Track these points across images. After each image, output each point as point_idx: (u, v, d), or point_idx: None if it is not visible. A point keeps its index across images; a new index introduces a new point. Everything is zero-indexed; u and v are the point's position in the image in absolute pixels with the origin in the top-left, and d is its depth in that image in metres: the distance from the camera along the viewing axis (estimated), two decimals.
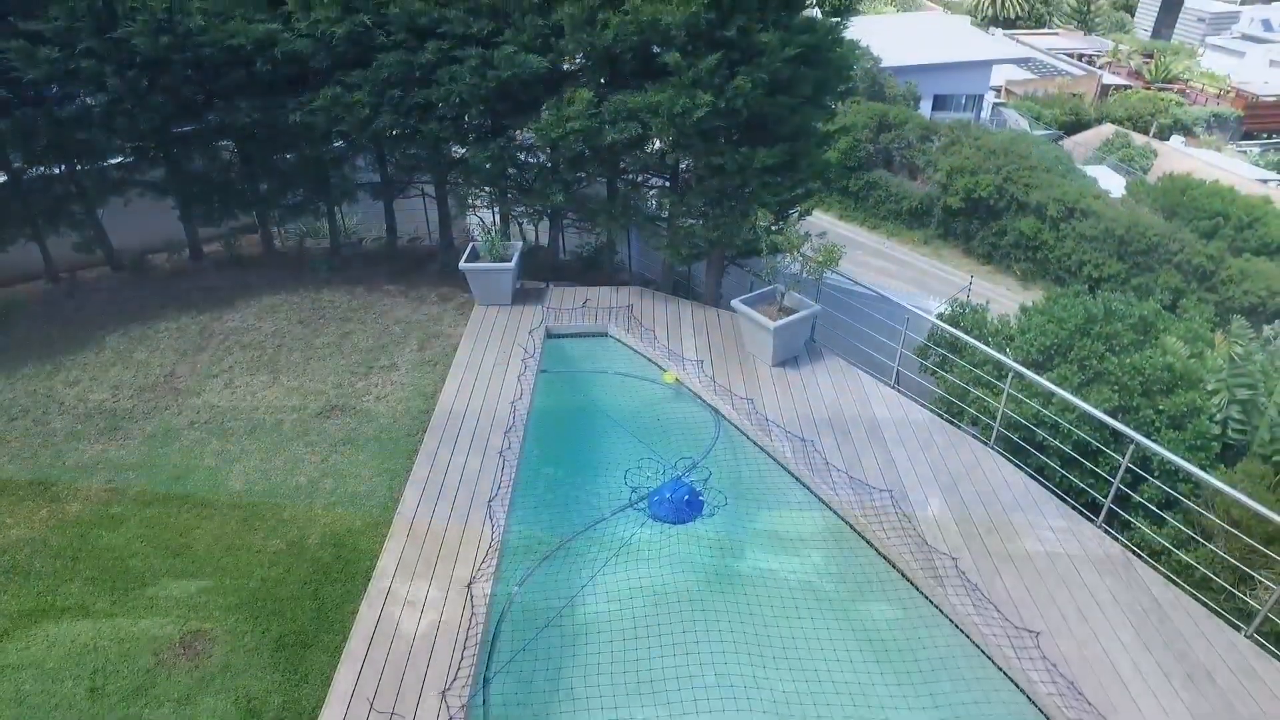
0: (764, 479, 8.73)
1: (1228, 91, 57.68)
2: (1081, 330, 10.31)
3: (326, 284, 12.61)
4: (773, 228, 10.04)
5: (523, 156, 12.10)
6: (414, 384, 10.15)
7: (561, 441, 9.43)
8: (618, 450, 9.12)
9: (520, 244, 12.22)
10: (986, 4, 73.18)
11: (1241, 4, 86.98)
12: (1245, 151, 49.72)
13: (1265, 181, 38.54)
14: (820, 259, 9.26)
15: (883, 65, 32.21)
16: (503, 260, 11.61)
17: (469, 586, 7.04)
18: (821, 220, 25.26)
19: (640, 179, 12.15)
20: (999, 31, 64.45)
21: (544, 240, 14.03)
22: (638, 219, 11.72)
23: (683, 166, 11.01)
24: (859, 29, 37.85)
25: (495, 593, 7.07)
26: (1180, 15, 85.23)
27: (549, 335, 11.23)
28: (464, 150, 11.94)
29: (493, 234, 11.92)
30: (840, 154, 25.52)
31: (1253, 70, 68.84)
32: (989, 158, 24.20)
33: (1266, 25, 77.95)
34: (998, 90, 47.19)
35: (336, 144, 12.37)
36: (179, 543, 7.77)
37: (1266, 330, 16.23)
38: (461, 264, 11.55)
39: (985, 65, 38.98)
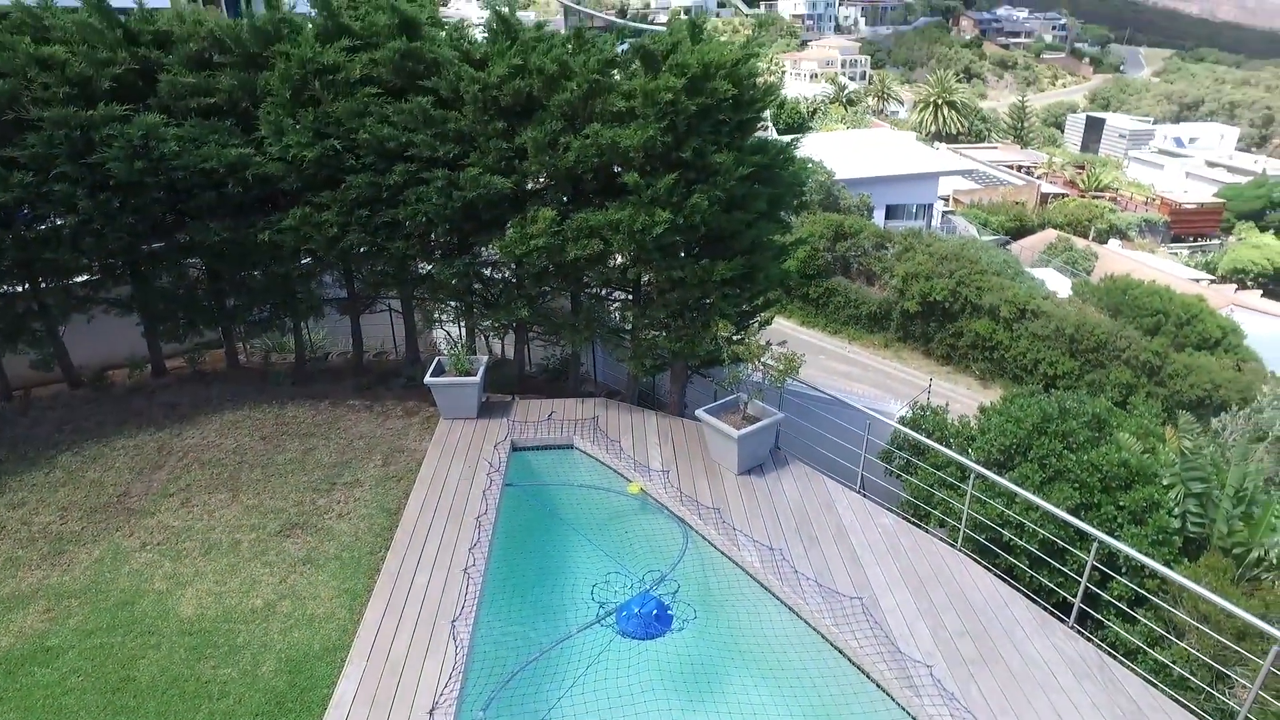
0: (733, 589, 8.60)
1: (1154, 199, 61.40)
2: (1039, 429, 10.56)
3: (291, 399, 12.51)
4: (734, 338, 10.29)
5: (488, 272, 12.39)
6: (377, 500, 9.97)
7: (527, 557, 9.25)
8: (584, 565, 8.96)
9: (486, 358, 12.32)
10: (930, 121, 78.02)
11: (1154, 123, 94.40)
12: (1176, 253, 52.49)
13: (1197, 280, 40.55)
14: (781, 367, 9.47)
15: (837, 178, 33.87)
16: (468, 374, 11.66)
17: (430, 714, 6.74)
18: (784, 327, 25.89)
19: (603, 292, 12.44)
20: (943, 146, 68.39)
21: (510, 353, 14.17)
22: (601, 332, 11.94)
23: (644, 280, 11.33)
24: (814, 145, 40.03)
25: None
26: (1104, 132, 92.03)
27: (514, 448, 11.18)
28: (430, 266, 12.19)
29: (459, 348, 12.02)
30: (799, 263, 26.41)
31: (1172, 180, 74.23)
32: (942, 263, 25.21)
33: (1178, 142, 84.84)
34: (946, 199, 49.72)
35: (304, 260, 12.56)
36: (120, 676, 7.36)
37: (1215, 423, 16.73)
38: (427, 378, 11.58)
39: (933, 177, 41.15)
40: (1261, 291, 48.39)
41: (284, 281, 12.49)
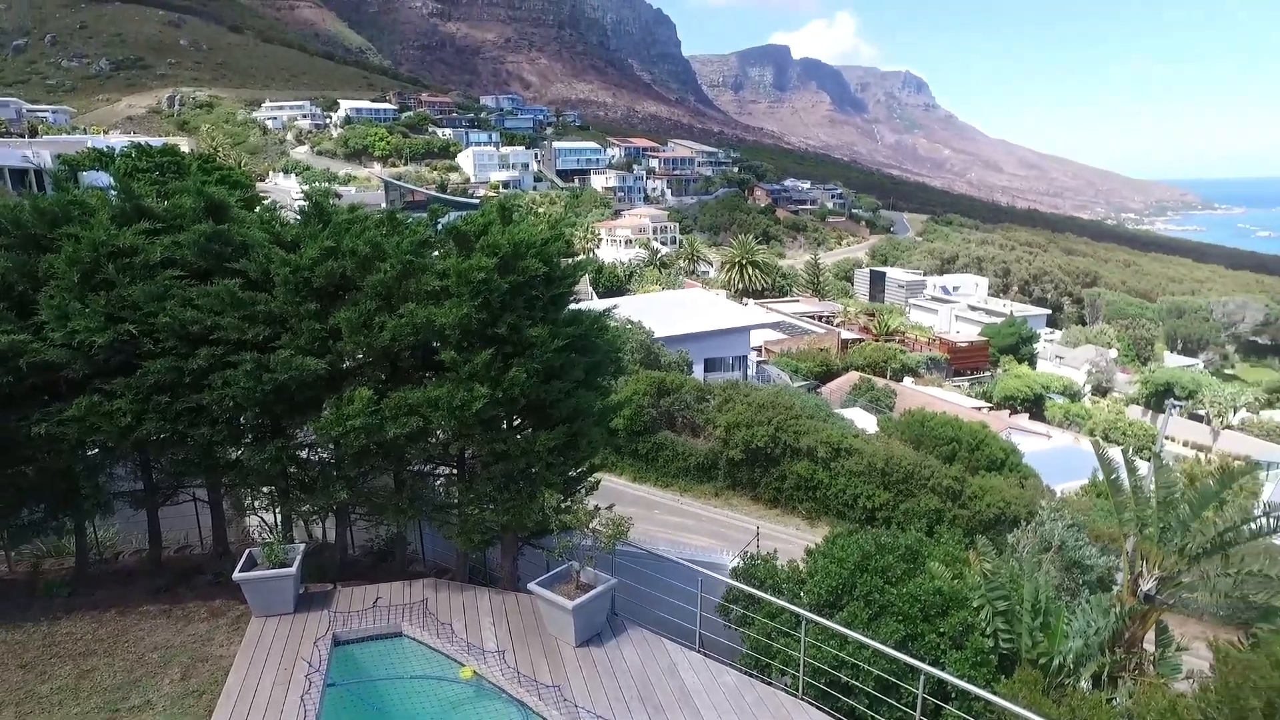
0: None
1: (934, 339, 69.34)
2: (860, 567, 11.11)
3: (67, 613, 10.91)
4: (562, 506, 10.27)
5: (304, 454, 11.76)
6: None
7: None
8: None
9: (303, 545, 11.48)
10: (737, 279, 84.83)
11: (924, 274, 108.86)
12: (959, 386, 58.87)
13: (979, 409, 45.46)
14: (610, 532, 9.50)
15: (657, 337, 35.63)
16: (283, 565, 10.78)
17: None
18: (617, 484, 26.05)
19: (427, 468, 12.13)
20: (751, 301, 74.23)
21: (331, 537, 13.28)
22: (426, 509, 11.54)
23: (468, 454, 11.20)
24: (633, 306, 41.90)
25: None
26: (886, 283, 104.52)
27: (337, 642, 10.27)
28: (240, 452, 11.42)
29: (274, 535, 11.14)
30: (627, 420, 27.07)
31: (945, 322, 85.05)
32: (760, 411, 26.69)
33: (945, 290, 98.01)
34: (759, 350, 53.41)
35: (91, 452, 11.36)
36: None
37: (1009, 539, 18.28)
38: (236, 574, 10.58)
39: (745, 330, 44.30)
40: (1028, 414, 54.92)
41: (64, 476, 11.18)
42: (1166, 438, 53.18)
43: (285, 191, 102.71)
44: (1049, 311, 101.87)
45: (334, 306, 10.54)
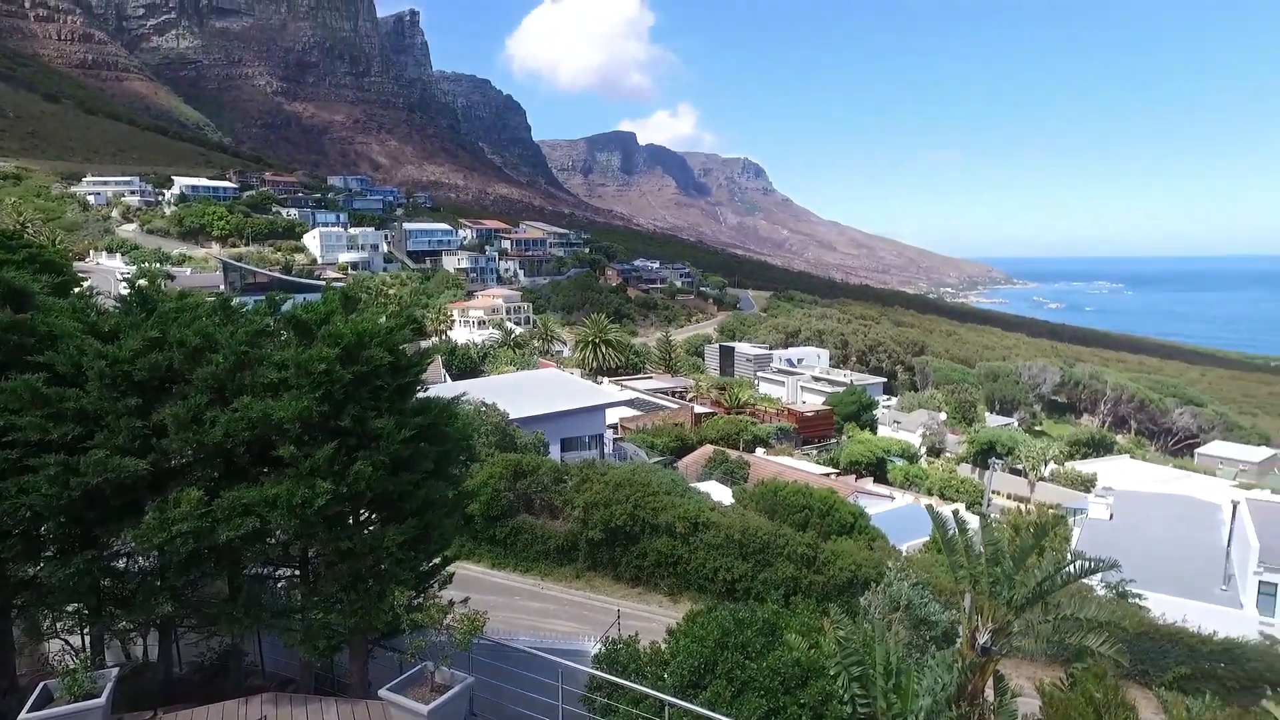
0: None
1: (783, 410, 72.52)
2: (720, 644, 11.20)
3: None
4: (413, 603, 9.78)
5: (121, 564, 10.61)
6: None
7: None
8: None
9: (117, 669, 10.23)
10: (591, 358, 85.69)
11: (770, 348, 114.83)
12: (808, 454, 61.57)
13: (827, 475, 47.66)
14: (465, 628, 9.13)
15: (512, 418, 35.19)
16: (89, 696, 9.53)
17: None
18: (474, 572, 25.13)
19: (265, 571, 11.26)
20: (606, 379, 75.02)
21: (154, 656, 11.94)
22: (265, 616, 10.65)
23: (311, 554, 10.52)
24: (487, 388, 41.28)
25: None
26: (735, 357, 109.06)
27: None
28: (39, 568, 10.15)
29: (80, 660, 9.87)
30: (483, 506, 26.38)
31: (793, 394, 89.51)
32: (618, 489, 26.73)
33: (790, 362, 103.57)
34: (615, 428, 53.78)
35: None
36: None
37: (862, 601, 19.01)
38: (24, 715, 9.25)
39: (600, 409, 44.59)
40: (873, 477, 58.09)
41: None
42: (993, 492, 57.70)
43: (110, 272, 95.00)
44: (885, 379, 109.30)
45: (159, 401, 9.77)
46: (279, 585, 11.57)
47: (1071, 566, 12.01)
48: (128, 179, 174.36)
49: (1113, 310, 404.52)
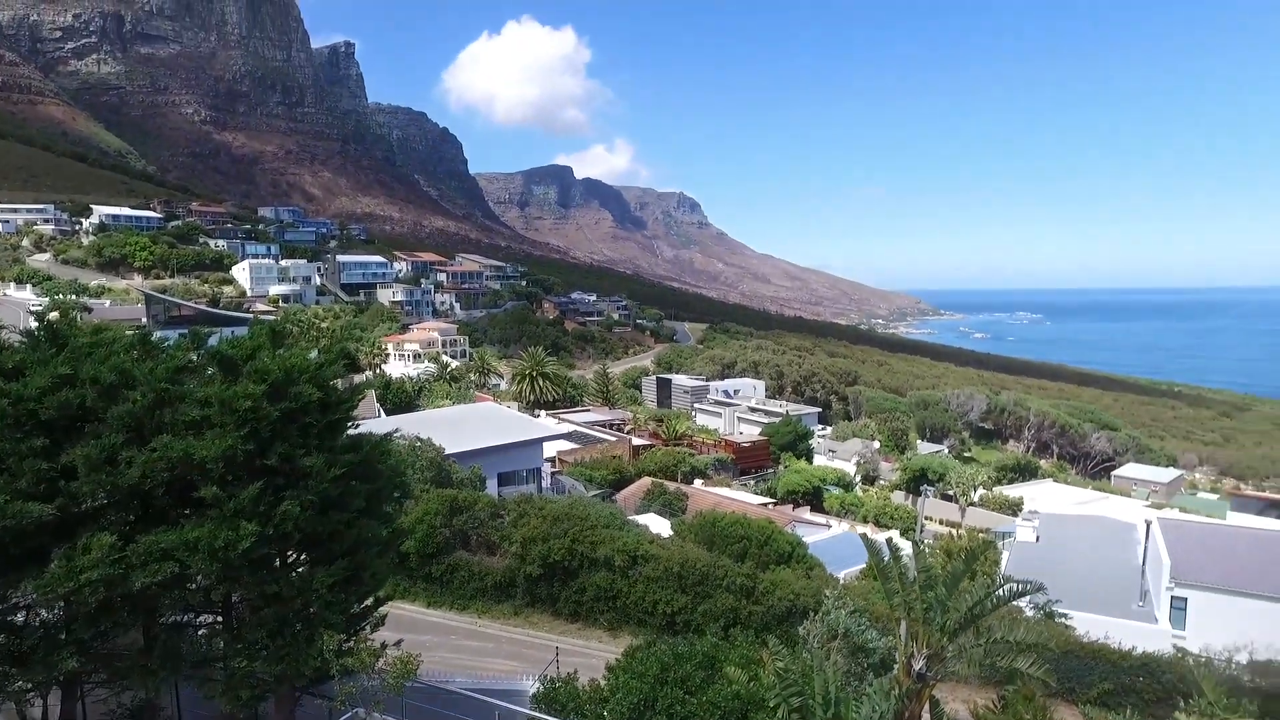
0: None
1: (720, 441, 73.03)
2: (660, 680, 11.11)
3: None
4: (344, 646, 9.43)
5: (19, 618, 9.96)
6: None
7: None
8: None
9: None
10: (528, 391, 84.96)
11: (707, 380, 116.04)
12: (746, 484, 62.02)
13: (765, 505, 48.02)
14: (398, 670, 8.84)
15: (448, 453, 34.52)
16: None
17: None
18: (409, 611, 24.44)
19: (185, 619, 10.72)
20: (543, 413, 74.41)
21: (56, 716, 11.19)
22: (184, 667, 10.12)
23: (234, 599, 10.07)
24: (422, 423, 40.55)
25: None
26: (672, 389, 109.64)
27: None
28: None
29: None
30: (418, 543, 25.75)
31: (730, 425, 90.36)
32: (556, 524, 26.43)
33: (727, 393, 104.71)
34: (552, 461, 53.24)
35: None
36: None
37: (801, 630, 19.11)
38: None
39: (538, 442, 44.11)
40: (810, 506, 58.77)
41: None
42: (926, 517, 58.93)
43: (19, 305, 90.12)
44: (820, 409, 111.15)
45: (69, 441, 9.29)
46: (199, 633, 11.03)
47: (1001, 590, 12.33)
48: (41, 206, 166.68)
49: (1033, 339, 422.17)
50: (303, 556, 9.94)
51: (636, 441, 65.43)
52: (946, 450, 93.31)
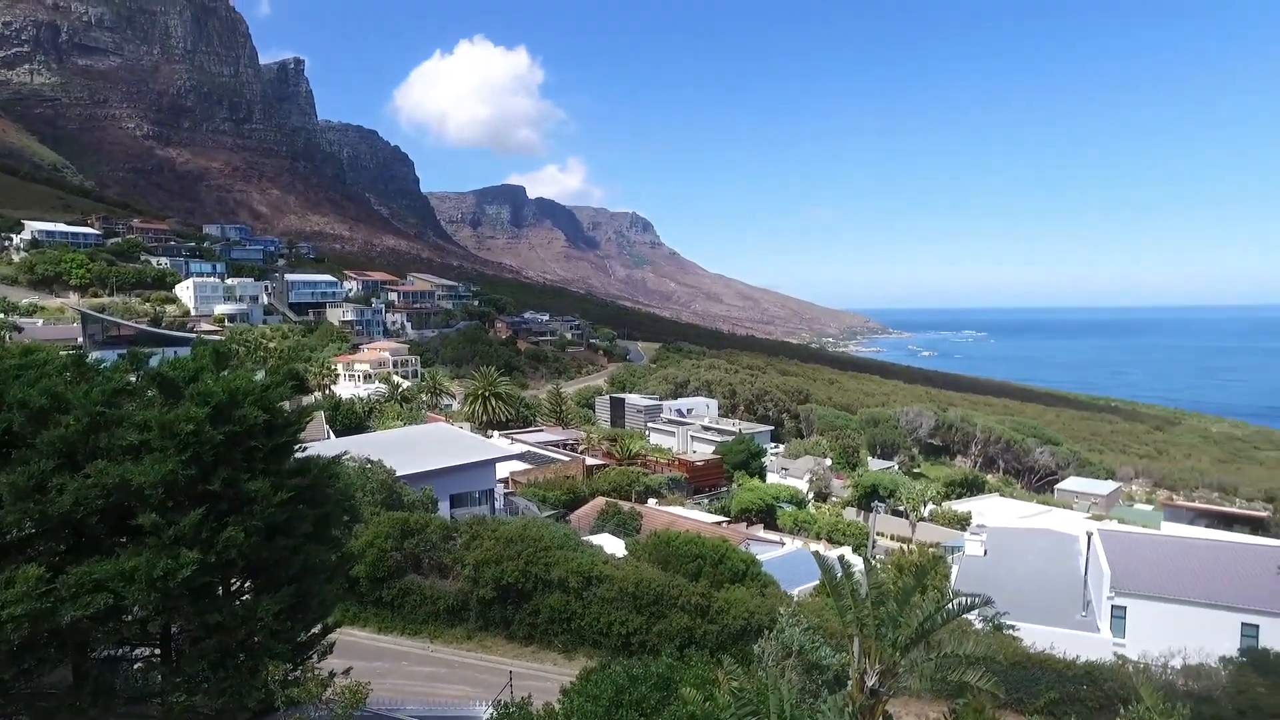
0: None
1: (674, 460, 73.14)
2: (615, 703, 11.00)
3: None
4: (290, 676, 9.15)
5: None
6: None
7: None
8: None
9: None
10: (481, 411, 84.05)
11: (661, 399, 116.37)
12: (699, 503, 62.15)
13: (719, 523, 48.15)
14: (346, 699, 8.60)
15: (399, 475, 33.91)
16: None
17: None
18: (359, 638, 23.85)
19: (119, 653, 10.29)
20: (496, 433, 73.65)
21: None
22: (118, 703, 9.69)
23: (173, 630, 9.71)
24: (373, 444, 39.86)
25: None
26: (625, 409, 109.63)
27: None
28: None
29: None
30: (368, 568, 25.22)
31: (683, 444, 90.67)
32: (509, 545, 26.13)
33: (680, 412, 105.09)
34: (506, 482, 52.64)
35: None
36: None
37: (755, 648, 19.14)
38: None
39: (491, 463, 43.62)
40: (763, 524, 59.09)
41: None
42: (878, 533, 59.69)
43: None
44: (772, 428, 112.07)
45: None
46: (135, 667, 10.58)
47: (951, 605, 12.53)
48: None
49: (979, 357, 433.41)
50: (247, 584, 9.63)
51: (590, 461, 65.15)
52: (897, 466, 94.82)
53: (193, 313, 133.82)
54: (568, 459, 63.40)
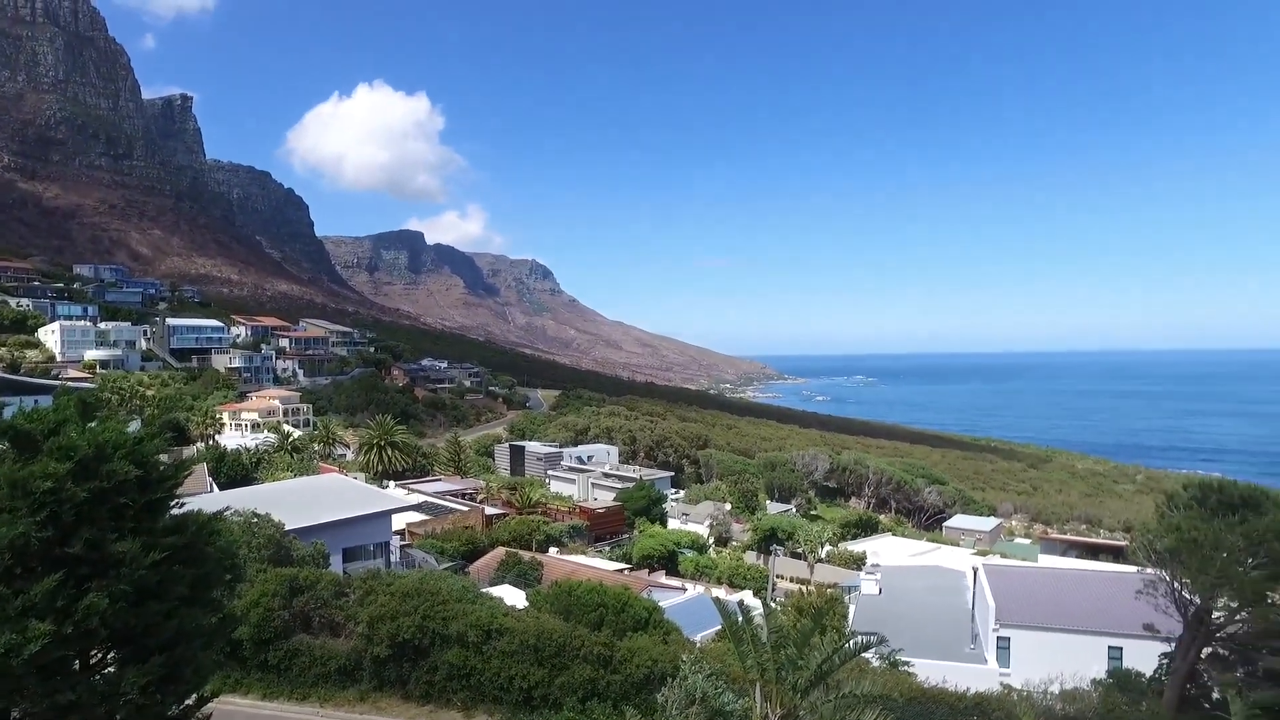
0: None
1: (574, 508, 72.51)
2: None
3: None
4: None
5: None
6: None
7: None
8: None
9: None
10: (376, 461, 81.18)
11: (561, 446, 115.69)
12: (601, 551, 61.66)
13: (621, 571, 47.86)
14: None
15: (288, 529, 32.24)
16: None
17: None
18: (241, 706, 22.33)
19: None
20: (392, 483, 71.19)
21: None
22: None
23: (15, 715, 8.78)
24: (261, 497, 37.88)
25: None
26: (525, 457, 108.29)
27: None
28: None
29: None
30: (253, 629, 23.69)
31: (584, 491, 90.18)
32: (406, 600, 25.10)
33: (581, 459, 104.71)
34: (402, 534, 50.82)
35: None
36: None
37: (659, 697, 18.93)
38: None
39: (386, 515, 42.07)
40: (665, 570, 59.03)
41: None
42: (777, 576, 60.55)
43: None
44: (672, 473, 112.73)
45: None
46: None
47: (848, 645, 12.79)
48: None
49: (869, 401, 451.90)
50: (110, 655, 8.85)
51: (490, 511, 63.81)
52: (794, 509, 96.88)
53: (58, 358, 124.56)
54: (466, 509, 61.89)
